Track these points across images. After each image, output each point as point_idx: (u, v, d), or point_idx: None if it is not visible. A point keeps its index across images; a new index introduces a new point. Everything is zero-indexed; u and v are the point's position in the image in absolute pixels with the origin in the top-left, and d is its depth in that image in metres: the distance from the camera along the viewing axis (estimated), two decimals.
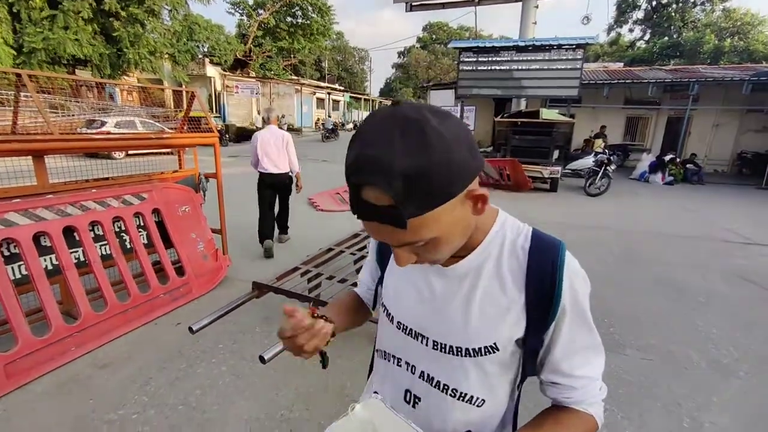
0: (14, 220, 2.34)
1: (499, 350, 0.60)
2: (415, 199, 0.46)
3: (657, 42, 30.24)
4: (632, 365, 2.58)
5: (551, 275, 0.58)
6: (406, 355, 0.68)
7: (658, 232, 5.96)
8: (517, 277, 0.60)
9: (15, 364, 2.19)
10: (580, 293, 0.60)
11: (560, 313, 0.59)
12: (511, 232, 0.63)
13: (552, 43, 10.90)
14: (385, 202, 0.46)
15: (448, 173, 0.46)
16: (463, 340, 0.61)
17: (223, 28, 26.56)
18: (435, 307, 0.64)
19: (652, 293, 3.73)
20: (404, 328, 0.67)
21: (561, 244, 0.61)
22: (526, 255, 0.60)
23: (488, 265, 0.61)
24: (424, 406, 0.66)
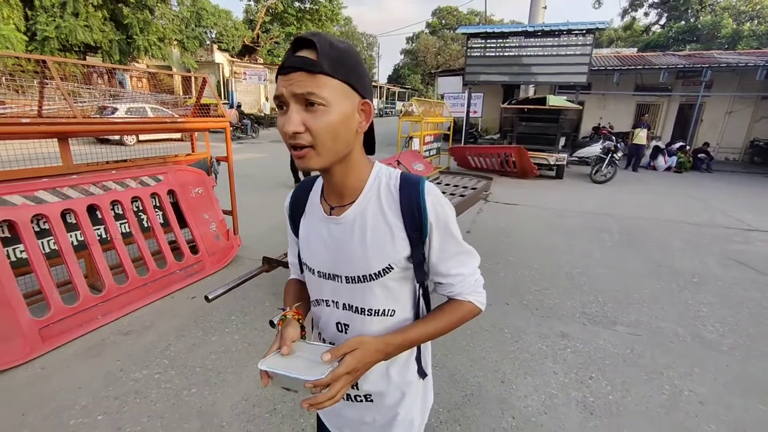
0: (44, 198, 2.53)
1: (394, 269, 0.74)
2: (331, 63, 0.62)
3: (673, 26, 29.43)
4: (620, 339, 2.72)
5: (417, 203, 0.73)
6: (330, 295, 0.81)
7: (660, 219, 6.03)
8: (393, 210, 0.74)
9: (48, 329, 2.40)
10: (441, 212, 0.74)
11: (429, 229, 0.73)
12: (385, 177, 0.77)
13: (561, 28, 10.76)
14: (311, 56, 0.62)
15: (356, 67, 0.66)
16: (366, 268, 0.74)
17: (231, 14, 26.53)
18: (339, 251, 0.77)
19: (648, 275, 3.85)
20: (323, 274, 0.80)
21: (422, 179, 0.75)
22: (398, 192, 0.74)
23: (371, 207, 0.75)
24: (352, 329, 0.80)
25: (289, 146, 0.66)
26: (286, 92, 0.63)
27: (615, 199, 7.46)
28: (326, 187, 0.79)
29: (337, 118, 0.64)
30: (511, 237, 4.91)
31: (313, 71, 0.61)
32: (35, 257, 2.40)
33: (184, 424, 1.89)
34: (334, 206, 0.78)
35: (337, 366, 0.66)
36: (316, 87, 0.62)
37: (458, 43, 49.91)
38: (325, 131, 0.64)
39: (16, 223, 2.35)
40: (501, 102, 16.70)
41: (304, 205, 0.86)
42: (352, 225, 0.75)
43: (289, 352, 0.71)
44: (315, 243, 0.81)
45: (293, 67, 0.62)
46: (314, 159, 0.67)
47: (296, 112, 0.63)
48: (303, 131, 0.64)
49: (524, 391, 2.18)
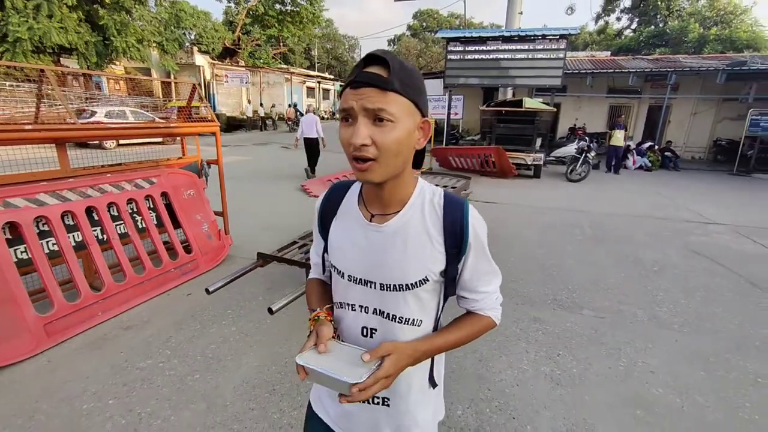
0: (45, 200, 2.65)
1: (428, 281, 0.78)
2: (401, 81, 0.66)
3: (643, 31, 30.65)
4: (586, 322, 3.01)
5: (460, 222, 0.77)
6: (358, 300, 0.82)
7: (629, 214, 6.43)
8: (436, 225, 0.78)
9: (52, 325, 2.53)
10: (480, 234, 0.80)
11: (468, 248, 0.78)
12: (428, 194, 0.81)
13: (536, 33, 11.21)
14: (383, 74, 0.66)
15: (421, 87, 0.71)
16: (402, 278, 0.77)
17: (210, 15, 26.28)
18: (376, 258, 0.79)
19: (613, 265, 4.18)
20: (354, 279, 0.81)
21: (465, 201, 0.81)
22: (442, 210, 0.79)
23: (414, 220, 0.78)
24: (379, 334, 0.82)
25: (353, 158, 0.69)
26: (357, 106, 0.66)
27: (588, 196, 7.87)
28: (370, 195, 0.82)
29: (402, 135, 0.68)
30: (490, 233, 5.16)
31: (385, 88, 0.65)
32: (38, 257, 2.52)
33: (191, 405, 2.06)
34: (375, 214, 0.81)
35: (377, 369, 0.69)
36: (386, 104, 0.65)
37: (439, 46, 50.57)
38: (391, 146, 0.67)
39: (19, 225, 2.46)
40: (481, 104, 17.19)
41: (337, 208, 0.87)
42: (394, 234, 0.78)
43: (326, 350, 0.73)
44: (348, 247, 0.82)
45: (365, 82, 0.66)
46: (376, 172, 0.69)
47: (364, 126, 0.66)
48: (370, 144, 0.67)
49: (499, 368, 2.43)
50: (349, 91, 0.67)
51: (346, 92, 0.68)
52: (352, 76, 0.68)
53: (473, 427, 1.96)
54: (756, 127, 11.40)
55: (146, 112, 12.77)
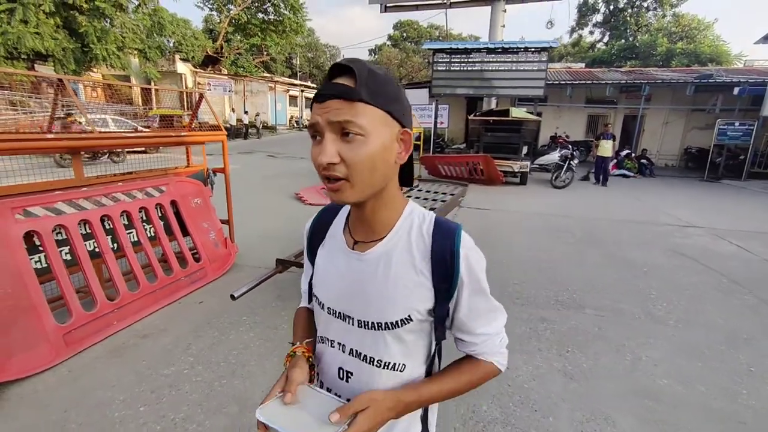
0: (62, 209, 2.64)
1: (412, 320, 0.67)
2: (370, 90, 0.58)
3: (615, 44, 32.10)
4: (589, 320, 3.18)
5: (450, 254, 0.66)
6: (337, 336, 0.74)
7: (612, 219, 6.74)
8: (423, 256, 0.67)
9: (71, 334, 2.50)
10: (475, 267, 0.68)
11: (460, 284, 0.67)
12: (417, 218, 0.71)
13: (519, 45, 11.65)
14: (349, 83, 0.58)
15: (396, 95, 0.62)
16: (382, 315, 0.68)
17: (190, 23, 26.02)
18: (356, 290, 0.70)
19: (606, 266, 4.40)
20: (333, 311, 0.73)
21: (458, 227, 0.69)
22: (431, 238, 0.68)
23: (399, 249, 0.68)
24: (356, 379, 0.72)
25: (323, 178, 0.62)
26: (322, 120, 0.59)
27: (573, 202, 8.20)
28: (353, 219, 0.74)
29: (375, 149, 0.60)
30: (486, 238, 5.36)
31: (351, 98, 0.58)
32: (57, 266, 2.51)
33: (223, 409, 2.09)
34: (358, 240, 0.72)
35: (347, 429, 0.58)
36: (354, 115, 0.58)
37: (419, 56, 51.45)
38: (362, 163, 0.59)
39: (39, 234, 2.45)
40: (465, 113, 17.58)
41: (325, 233, 0.79)
42: (376, 264, 0.69)
43: (292, 401, 0.62)
44: (330, 276, 0.75)
45: (330, 94, 0.59)
46: (348, 192, 0.62)
47: (331, 142, 0.59)
48: (338, 162, 0.59)
49: (515, 365, 2.55)
50: (316, 106, 0.61)
51: (312, 107, 0.63)
52: (319, 89, 0.61)
53: (500, 420, 2.07)
54: (723, 135, 12.12)
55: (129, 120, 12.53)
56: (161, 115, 9.18)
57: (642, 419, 2.10)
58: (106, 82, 6.33)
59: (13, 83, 11.72)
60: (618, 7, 32.71)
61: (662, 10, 31.29)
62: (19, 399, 2.11)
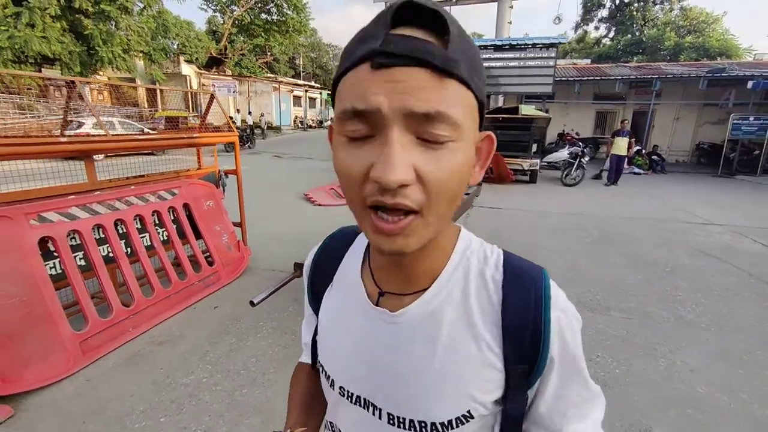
0: (76, 214, 2.58)
1: (474, 418, 0.45)
2: (467, 60, 0.36)
3: (621, 39, 31.77)
4: (616, 323, 3.07)
5: (534, 317, 0.45)
6: (353, 429, 0.52)
7: (628, 217, 6.61)
8: (489, 319, 0.45)
9: (87, 342, 2.44)
10: (571, 338, 0.46)
11: (548, 365, 0.45)
12: (477, 259, 0.48)
13: (527, 42, 11.51)
14: (437, 42, 0.34)
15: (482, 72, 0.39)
16: (426, 412, 0.45)
17: (193, 25, 26.05)
18: (386, 368, 0.47)
19: (627, 266, 4.28)
20: (349, 395, 0.50)
21: (543, 273, 0.48)
22: (500, 290, 0.46)
23: (451, 307, 0.46)
24: None
25: (374, 206, 0.37)
26: (389, 106, 0.34)
27: (586, 200, 8.06)
28: (382, 262, 0.49)
29: (466, 161, 0.38)
30: (501, 238, 5.25)
31: (444, 70, 0.34)
32: (72, 272, 2.45)
33: (246, 420, 2.02)
34: (386, 291, 0.49)
35: None
36: (446, 103, 0.34)
37: None
38: (449, 183, 0.37)
39: (54, 240, 2.39)
40: None
41: (333, 273, 0.56)
42: (415, 330, 0.47)
43: None
44: (342, 341, 0.52)
45: (404, 55, 0.33)
46: (421, 234, 0.38)
47: (403, 147, 0.34)
48: (413, 183, 0.35)
49: None
50: (369, 75, 0.35)
51: (358, 76, 0.35)
52: (368, 44, 0.35)
53: None
54: (738, 130, 11.90)
55: (135, 122, 12.55)
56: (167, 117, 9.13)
57: (684, 430, 2.00)
58: (114, 84, 6.29)
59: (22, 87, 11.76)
60: (624, 1, 32.33)
61: (669, 3, 30.90)
62: (38, 409, 2.05)
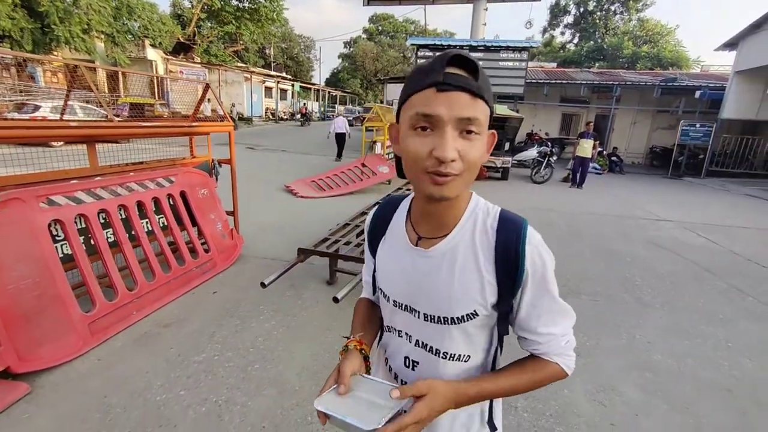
0: (83, 198, 2.60)
1: (478, 315, 0.69)
2: (485, 88, 0.61)
3: (584, 45, 33.41)
4: (585, 305, 3.44)
5: (515, 249, 0.67)
6: (403, 327, 0.77)
7: (593, 213, 7.16)
8: (487, 253, 0.68)
9: (95, 323, 2.50)
10: (540, 264, 0.68)
11: (524, 281, 0.68)
12: (482, 213, 0.72)
13: (501, 44, 11.98)
14: (473, 78, 0.59)
15: (492, 96, 0.65)
16: (448, 310, 0.69)
17: (156, 7, 24.81)
18: (422, 285, 0.71)
19: (593, 256, 4.72)
20: (399, 304, 0.75)
21: (524, 222, 0.70)
22: (495, 233, 0.68)
23: (463, 244, 0.69)
24: (421, 367, 0.75)
25: (432, 172, 0.61)
26: (447, 114, 0.58)
27: (554, 197, 8.60)
28: (421, 214, 0.73)
29: (484, 148, 0.64)
30: None
31: (476, 94, 0.59)
32: (80, 255, 2.49)
33: (263, 391, 2.17)
34: (422, 236, 0.73)
35: (404, 414, 0.60)
36: (477, 112, 0.59)
37: (395, 50, 51.48)
38: (476, 161, 0.62)
39: (63, 223, 2.42)
40: None
41: (386, 228, 0.81)
42: (441, 260, 0.70)
43: (345, 392, 0.65)
44: (394, 271, 0.76)
45: (457, 86, 0.58)
46: (456, 187, 0.62)
47: (453, 138, 0.59)
48: (457, 158, 0.60)
49: None
50: (433, 95, 0.59)
51: (426, 95, 0.60)
52: (433, 76, 0.59)
53: None
54: (686, 136, 12.97)
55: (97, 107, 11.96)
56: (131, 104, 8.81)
57: (644, 389, 2.35)
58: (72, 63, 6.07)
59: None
60: (587, 9, 33.99)
61: (628, 14, 32.80)
62: (53, 386, 2.11)
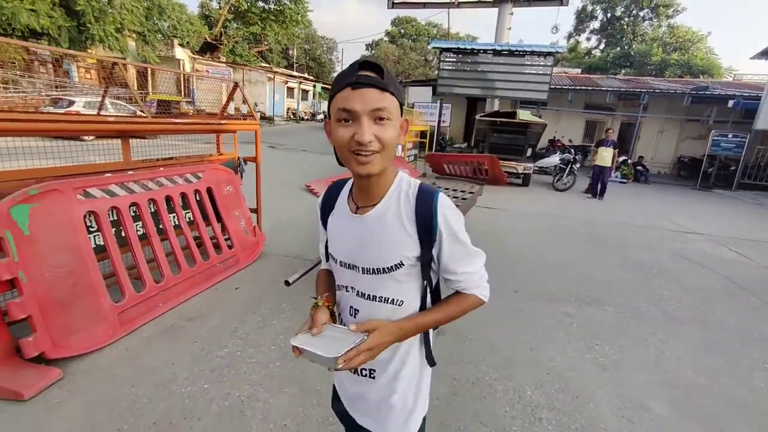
0: (116, 192, 2.68)
1: (404, 265, 0.85)
2: (392, 84, 0.77)
3: (610, 52, 32.68)
4: (610, 317, 3.34)
5: (429, 212, 0.84)
6: (348, 282, 0.93)
7: (617, 222, 6.98)
8: (409, 215, 0.85)
9: (124, 314, 2.56)
10: (451, 222, 0.85)
11: (439, 236, 0.85)
12: (405, 185, 0.88)
13: (526, 49, 11.85)
14: (380, 77, 0.76)
15: (401, 90, 0.83)
16: (380, 262, 0.86)
17: (185, 7, 25.48)
18: (360, 245, 0.88)
19: (618, 267, 4.60)
20: (344, 264, 0.91)
21: (436, 192, 0.86)
22: (414, 200, 0.85)
23: (391, 210, 0.86)
24: (361, 314, 0.92)
25: (355, 153, 0.77)
26: (360, 106, 0.74)
27: (576, 205, 8.43)
28: (357, 189, 0.91)
29: (396, 131, 0.79)
30: (499, 236, 5.52)
31: (383, 89, 0.75)
32: (112, 246, 2.56)
33: (284, 389, 2.19)
34: (360, 206, 0.90)
35: (359, 342, 0.78)
36: (385, 103, 0.75)
37: (416, 53, 51.44)
38: (390, 141, 0.78)
39: (97, 214, 2.49)
40: (465, 113, 17.76)
41: (334, 204, 0.98)
42: (373, 223, 0.87)
43: (318, 332, 0.83)
44: (340, 236, 0.93)
45: (367, 84, 0.74)
46: (377, 164, 0.79)
47: (368, 125, 0.75)
48: (373, 140, 0.76)
49: (550, 355, 2.70)
50: (351, 92, 0.75)
51: (344, 94, 0.76)
52: (348, 78, 0.75)
53: (545, 405, 2.21)
54: (717, 146, 12.52)
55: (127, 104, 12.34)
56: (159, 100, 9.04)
57: (674, 407, 2.26)
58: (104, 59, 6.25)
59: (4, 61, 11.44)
60: (615, 15, 33.25)
61: (658, 20, 31.92)
62: (84, 373, 2.17)
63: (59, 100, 12.05)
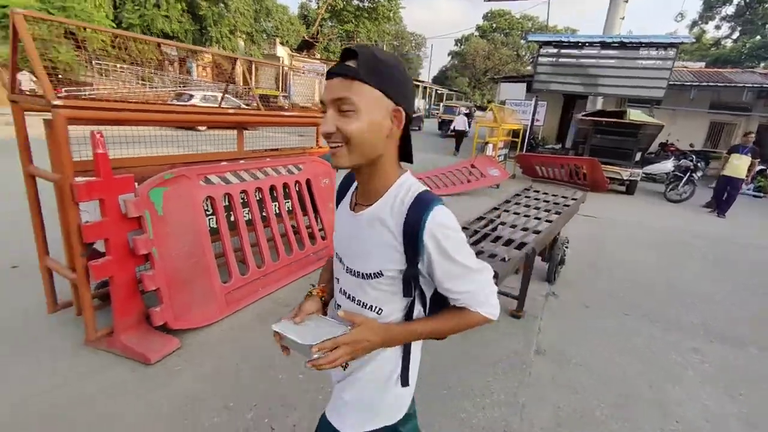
0: (230, 179, 2.87)
1: (383, 276, 0.79)
2: (368, 70, 0.68)
3: (747, 41, 27.77)
4: (756, 360, 2.75)
5: (417, 227, 0.74)
6: (338, 275, 0.90)
7: (750, 244, 5.83)
8: (397, 225, 0.76)
9: (230, 294, 2.74)
10: (441, 239, 0.74)
11: (426, 254, 0.76)
12: (404, 190, 0.79)
13: (642, 40, 10.48)
14: (351, 64, 0.69)
15: (394, 74, 0.71)
16: (361, 266, 0.81)
17: (287, 9, 27.40)
18: (349, 242, 0.84)
19: (755, 296, 3.80)
20: (337, 255, 0.89)
21: (431, 204, 0.75)
22: (406, 210, 0.76)
23: (383, 214, 0.78)
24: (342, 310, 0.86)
25: (328, 144, 0.74)
26: (327, 97, 0.71)
27: (694, 219, 7.26)
28: (358, 184, 0.85)
29: (363, 124, 0.70)
30: (603, 249, 4.94)
31: (348, 76, 0.68)
32: (224, 230, 2.75)
33: None
34: (357, 203, 0.84)
35: (340, 335, 0.74)
36: (349, 93, 0.68)
37: (508, 48, 49.06)
38: (354, 134, 0.69)
39: (214, 200, 2.69)
40: (561, 112, 16.43)
41: (345, 193, 0.93)
42: (363, 225, 0.81)
43: (300, 321, 0.81)
44: (339, 227, 0.90)
45: (335, 73, 0.70)
46: (344, 158, 0.73)
47: (331, 116, 0.71)
48: (335, 131, 0.70)
49: (677, 398, 2.29)
50: (327, 82, 0.71)
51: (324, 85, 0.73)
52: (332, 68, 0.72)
53: None
54: None
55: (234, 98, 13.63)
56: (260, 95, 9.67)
57: None
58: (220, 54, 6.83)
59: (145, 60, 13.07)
60: None
61: None
62: (199, 346, 2.36)
63: (181, 94, 13.77)
